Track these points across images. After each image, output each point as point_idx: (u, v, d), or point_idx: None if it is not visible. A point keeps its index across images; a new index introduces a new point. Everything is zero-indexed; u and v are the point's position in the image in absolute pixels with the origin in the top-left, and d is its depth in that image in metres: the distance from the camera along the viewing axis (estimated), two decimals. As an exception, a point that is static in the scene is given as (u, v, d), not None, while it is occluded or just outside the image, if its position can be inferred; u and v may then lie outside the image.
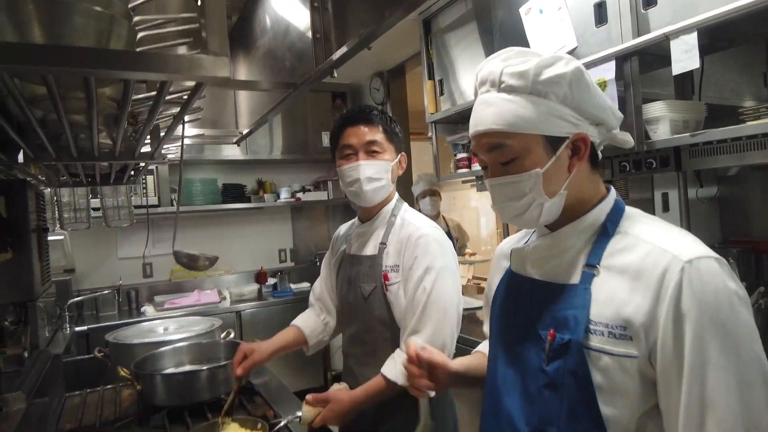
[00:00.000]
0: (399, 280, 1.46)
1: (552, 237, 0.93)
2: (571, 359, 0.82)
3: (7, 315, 1.76)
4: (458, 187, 4.73)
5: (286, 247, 4.70)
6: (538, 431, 0.86)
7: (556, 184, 0.87)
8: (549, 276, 0.92)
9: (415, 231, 1.47)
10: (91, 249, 3.82)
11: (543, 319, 0.88)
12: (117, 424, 1.52)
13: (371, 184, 1.48)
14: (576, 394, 0.81)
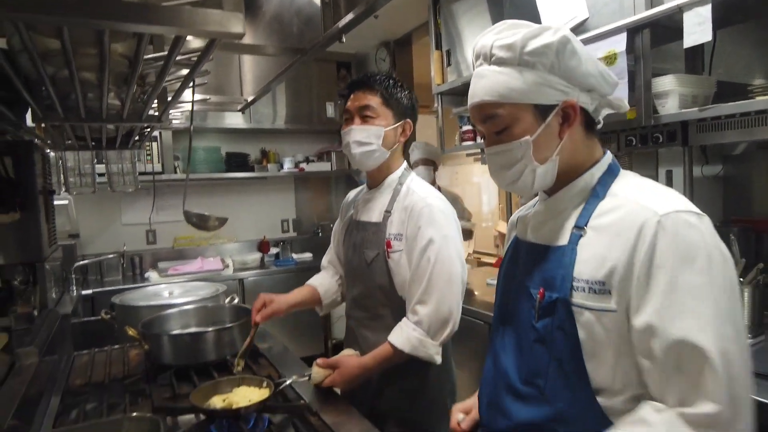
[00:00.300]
0: (402, 249, 1.48)
1: (548, 202, 0.98)
2: (559, 316, 0.87)
3: (16, 275, 1.79)
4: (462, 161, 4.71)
5: (288, 217, 4.72)
6: (528, 383, 0.92)
7: (547, 151, 0.91)
8: (543, 239, 0.97)
9: (419, 200, 1.48)
10: (96, 215, 3.84)
11: (534, 279, 0.94)
12: (126, 380, 1.56)
13: (360, 148, 1.50)
14: (562, 349, 0.87)
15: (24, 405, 1.22)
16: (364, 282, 1.57)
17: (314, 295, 1.76)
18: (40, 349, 1.41)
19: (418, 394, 1.53)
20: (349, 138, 1.51)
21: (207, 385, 1.37)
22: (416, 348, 1.38)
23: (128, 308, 2.07)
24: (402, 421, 1.52)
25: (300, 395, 1.43)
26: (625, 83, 1.87)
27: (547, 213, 0.98)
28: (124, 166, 2.70)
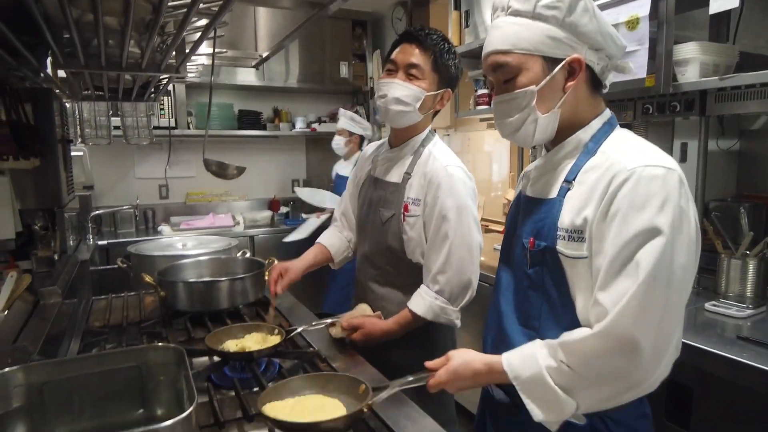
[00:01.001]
0: (419, 215, 1.49)
1: (546, 157, 1.03)
2: (547, 263, 0.95)
3: (36, 220, 1.84)
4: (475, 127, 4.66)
5: (299, 177, 4.74)
6: (525, 324, 1.00)
7: (550, 102, 0.95)
8: (538, 192, 1.03)
9: (440, 169, 1.47)
10: (109, 168, 3.88)
11: (526, 229, 1.00)
12: (143, 324, 1.63)
13: (397, 106, 1.46)
14: (553, 293, 0.94)
15: (48, 343, 1.28)
16: (376, 240, 1.59)
17: (325, 254, 1.80)
18: (62, 289, 1.47)
19: (431, 351, 1.58)
20: (388, 92, 1.46)
21: (221, 330, 1.43)
22: (438, 315, 1.43)
23: (144, 257, 2.13)
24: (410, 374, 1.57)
25: (310, 343, 1.49)
26: (646, 49, 1.84)
27: (545, 167, 1.03)
28: (138, 119, 2.71)
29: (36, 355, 1.12)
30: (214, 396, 1.17)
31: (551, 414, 0.87)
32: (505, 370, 0.91)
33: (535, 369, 0.87)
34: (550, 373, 0.86)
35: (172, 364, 0.81)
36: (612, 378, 0.84)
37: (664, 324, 0.82)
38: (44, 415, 0.77)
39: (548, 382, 0.86)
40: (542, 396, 0.87)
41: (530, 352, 0.90)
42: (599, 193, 0.88)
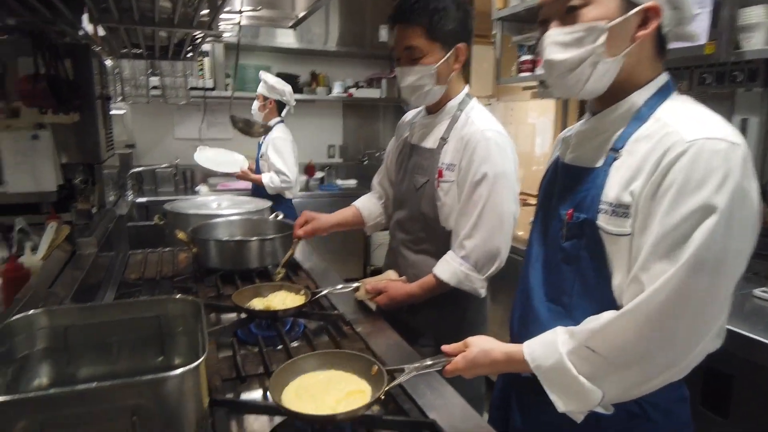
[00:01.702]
0: (453, 180, 1.44)
1: (592, 121, 0.94)
2: (585, 236, 0.87)
3: (77, 174, 1.89)
4: (518, 97, 4.49)
5: (335, 143, 4.72)
6: (553, 300, 0.94)
7: (616, 47, 0.84)
8: (579, 160, 0.95)
9: (476, 132, 1.41)
10: (150, 127, 3.96)
11: (565, 200, 0.93)
12: (175, 279, 1.66)
13: (414, 93, 1.44)
14: (588, 268, 0.87)
15: (84, 292, 1.33)
16: (410, 207, 1.56)
17: (357, 216, 1.78)
18: (98, 240, 1.51)
19: (456, 319, 1.56)
20: (402, 81, 1.44)
21: (248, 288, 1.44)
22: (461, 282, 1.39)
23: (179, 215, 2.17)
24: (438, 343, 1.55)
25: (334, 306, 1.49)
26: (708, 12, 1.70)
27: (589, 133, 0.94)
28: (176, 79, 2.74)
29: (69, 301, 1.16)
30: (238, 351, 1.19)
31: (575, 404, 0.81)
32: (527, 359, 0.85)
33: (556, 357, 0.81)
34: (572, 359, 0.80)
35: (190, 316, 0.82)
36: (638, 362, 0.77)
37: (706, 310, 0.75)
38: (68, 357, 0.79)
39: (570, 370, 0.80)
40: (565, 385, 0.81)
41: (550, 339, 0.84)
42: (650, 166, 0.79)
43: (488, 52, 3.79)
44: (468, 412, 0.98)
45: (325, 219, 1.71)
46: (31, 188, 1.78)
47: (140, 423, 0.59)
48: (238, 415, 0.98)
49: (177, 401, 0.61)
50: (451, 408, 0.98)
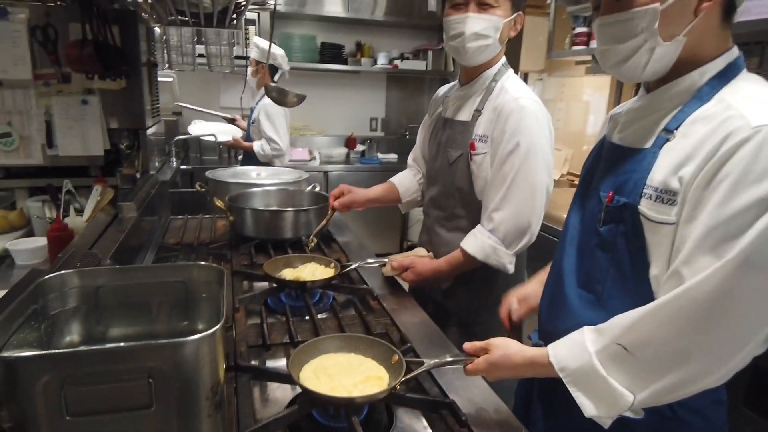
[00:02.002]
0: (486, 152, 1.40)
1: (646, 98, 0.86)
2: (624, 222, 0.81)
3: (122, 139, 1.95)
4: (571, 72, 4.28)
5: (378, 116, 4.68)
6: (585, 287, 0.88)
7: (675, 27, 0.76)
8: (628, 140, 0.87)
9: (510, 101, 1.36)
10: (196, 95, 4.03)
11: (607, 182, 0.87)
12: (211, 245, 1.70)
13: (476, 42, 1.35)
14: (626, 256, 0.81)
15: (123, 253, 1.37)
16: (444, 182, 1.52)
17: (393, 192, 1.76)
18: (139, 204, 1.56)
19: (485, 299, 1.53)
20: (465, 28, 1.34)
21: (280, 258, 1.46)
22: (489, 256, 1.35)
23: (219, 183, 2.22)
24: (465, 322, 1.54)
25: (365, 280, 1.48)
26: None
27: (641, 111, 0.86)
28: (221, 47, 2.76)
29: (109, 262, 1.21)
30: (266, 319, 1.21)
31: (604, 408, 0.75)
32: (551, 361, 0.80)
33: (585, 357, 0.76)
34: (601, 359, 0.75)
35: (214, 283, 0.83)
36: (673, 363, 0.71)
37: (753, 312, 0.68)
38: (98, 317, 0.82)
39: (599, 371, 0.75)
40: (594, 388, 0.76)
41: (578, 339, 0.79)
42: (706, 151, 0.72)
43: (541, 24, 3.62)
44: (489, 396, 0.96)
45: (362, 193, 1.70)
46: (80, 152, 1.85)
47: (156, 384, 0.60)
48: (261, 381, 1.00)
49: (192, 366, 0.62)
50: (473, 390, 0.97)
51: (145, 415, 0.61)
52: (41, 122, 1.82)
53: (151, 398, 0.60)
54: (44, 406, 0.57)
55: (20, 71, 1.75)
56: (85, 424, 0.59)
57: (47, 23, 1.73)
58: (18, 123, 1.81)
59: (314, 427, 0.89)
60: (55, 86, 1.81)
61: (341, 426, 0.88)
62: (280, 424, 0.84)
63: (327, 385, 0.85)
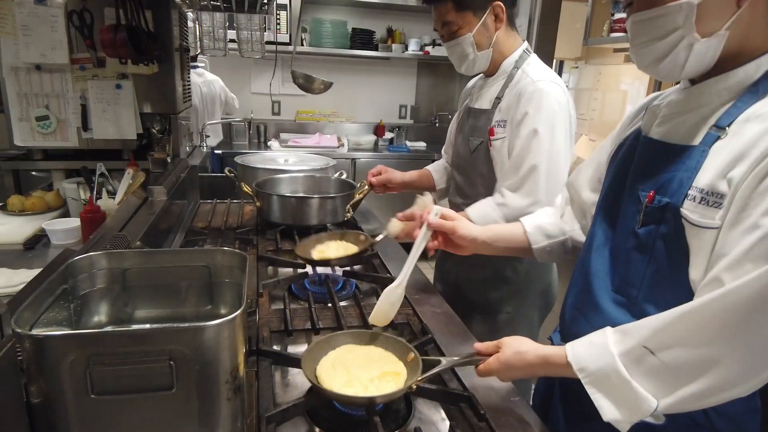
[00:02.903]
0: (504, 136, 1.40)
1: (689, 91, 0.80)
2: (665, 224, 0.76)
3: (155, 124, 1.98)
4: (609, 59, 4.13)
5: (407, 103, 4.64)
6: (620, 291, 0.84)
7: (715, 21, 0.71)
8: (670, 135, 0.81)
9: (530, 84, 1.35)
10: (228, 80, 4.07)
11: (646, 180, 0.81)
12: (238, 230, 1.73)
13: (463, 62, 1.45)
14: (665, 259, 0.77)
15: (152, 236, 1.41)
16: (467, 170, 1.54)
17: (428, 178, 1.79)
18: (169, 189, 1.59)
19: (508, 288, 1.51)
20: (450, 56, 1.49)
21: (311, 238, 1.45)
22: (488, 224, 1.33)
23: (247, 168, 2.24)
24: (487, 312, 1.53)
25: (388, 269, 1.48)
26: None
27: (685, 105, 0.80)
28: (252, 32, 2.77)
29: (138, 244, 1.24)
30: (289, 305, 1.22)
31: (625, 412, 0.72)
32: (570, 361, 0.77)
33: (607, 358, 0.73)
34: (625, 362, 0.72)
35: (237, 268, 0.83)
36: (703, 370, 0.66)
37: None
38: (126, 299, 0.84)
39: (623, 373, 0.71)
40: (616, 390, 0.72)
41: (599, 340, 0.76)
42: (759, 152, 0.67)
43: (579, 9, 3.51)
44: (510, 391, 0.95)
45: (399, 175, 1.76)
46: (114, 135, 1.90)
47: (177, 367, 0.61)
48: (282, 367, 1.01)
49: (212, 350, 0.63)
50: (493, 384, 0.95)
51: (167, 397, 0.62)
52: (77, 106, 1.87)
53: (173, 380, 0.62)
54: (71, 383, 0.59)
55: (58, 55, 1.80)
56: (109, 403, 0.61)
57: (83, 8, 1.77)
58: (55, 106, 1.86)
59: (333, 414, 0.89)
60: (90, 70, 1.86)
61: (359, 414, 0.88)
62: (299, 410, 0.85)
63: (343, 378, 0.85)
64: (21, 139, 1.87)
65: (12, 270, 1.28)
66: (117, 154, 1.98)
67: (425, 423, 0.89)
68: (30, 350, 0.58)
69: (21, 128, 1.86)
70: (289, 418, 0.85)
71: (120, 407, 0.61)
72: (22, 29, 1.75)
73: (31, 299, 0.65)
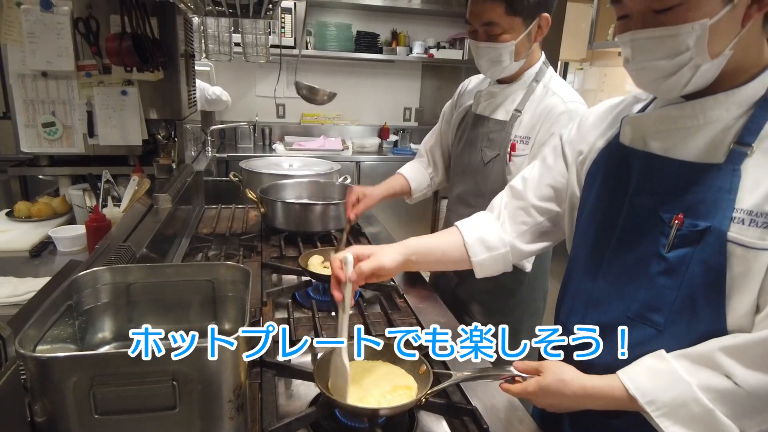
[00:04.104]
0: (526, 153, 1.37)
1: (690, 107, 0.76)
2: (705, 247, 0.72)
3: (160, 130, 1.99)
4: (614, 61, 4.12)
5: (412, 105, 4.64)
6: (640, 317, 0.80)
7: (722, 42, 0.70)
8: (676, 152, 0.78)
9: (559, 103, 1.33)
10: (233, 84, 4.09)
11: (668, 201, 0.77)
12: (243, 236, 1.73)
13: (492, 68, 1.38)
14: (701, 283, 0.73)
15: (160, 242, 1.41)
16: (476, 180, 1.50)
17: (405, 187, 1.71)
18: (174, 196, 1.60)
19: (510, 300, 1.51)
20: (478, 57, 1.38)
21: (314, 251, 1.47)
22: None
23: (252, 173, 2.25)
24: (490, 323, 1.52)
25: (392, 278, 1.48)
26: None
27: (687, 120, 0.77)
28: (257, 37, 2.78)
29: (144, 251, 1.24)
30: (293, 314, 1.22)
31: None
32: (633, 394, 0.72)
33: (682, 387, 0.69)
34: (704, 390, 0.68)
35: (240, 283, 0.84)
36: None
37: None
38: (130, 313, 0.84)
39: (704, 402, 0.68)
40: (696, 421, 0.69)
41: (664, 367, 0.72)
42: None
43: (584, 11, 3.49)
44: (513, 405, 0.95)
45: (376, 193, 1.62)
46: (119, 142, 1.91)
47: (179, 387, 0.62)
48: (286, 378, 1.01)
49: (214, 370, 0.63)
50: (496, 397, 0.95)
51: (170, 416, 0.62)
52: (83, 112, 1.88)
53: (175, 400, 0.62)
54: (74, 403, 0.59)
55: (64, 62, 1.81)
56: (113, 423, 0.61)
57: (89, 15, 1.78)
58: (61, 113, 1.88)
59: (336, 427, 0.89)
60: (96, 77, 1.87)
61: (362, 427, 0.88)
62: (302, 423, 0.85)
63: (357, 395, 0.85)
64: (27, 145, 1.88)
65: (18, 279, 1.29)
66: (123, 160, 2.00)
67: (428, 437, 0.89)
68: (34, 371, 0.58)
69: (27, 134, 1.88)
70: (293, 431, 0.85)
71: (123, 427, 0.62)
72: (28, 36, 1.77)
73: (36, 317, 0.66)
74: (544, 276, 1.54)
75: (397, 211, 3.94)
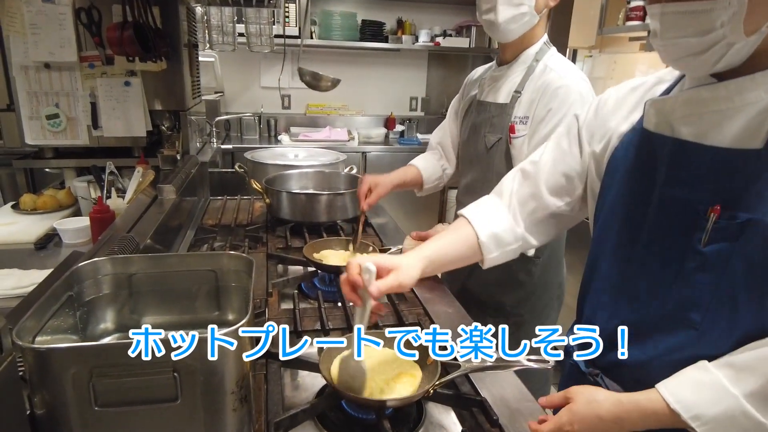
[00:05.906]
0: (525, 134, 1.34)
1: (723, 87, 0.71)
2: (748, 242, 0.68)
3: (164, 121, 1.98)
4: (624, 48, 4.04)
5: (418, 95, 4.59)
6: (674, 316, 0.76)
7: (759, 18, 0.64)
8: (710, 138, 0.72)
9: (555, 79, 1.29)
10: (237, 75, 4.07)
11: (702, 192, 0.72)
12: (248, 227, 1.72)
13: (509, 11, 1.27)
14: (742, 280, 0.69)
15: (165, 233, 1.40)
16: (481, 168, 1.47)
17: (417, 177, 1.68)
18: (178, 187, 1.59)
19: (521, 291, 1.48)
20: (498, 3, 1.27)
21: (319, 241, 1.45)
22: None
23: (257, 164, 2.23)
24: (500, 314, 1.50)
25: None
26: None
27: (719, 103, 0.71)
28: (261, 26, 2.75)
29: (148, 242, 1.23)
30: (298, 305, 1.20)
31: None
32: (676, 408, 0.67)
33: (729, 400, 0.65)
34: (752, 402, 0.64)
35: (244, 273, 0.82)
36: None
37: None
38: (132, 304, 0.83)
39: (754, 416, 0.64)
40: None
41: (708, 379, 0.68)
42: None
43: (595, -5, 3.43)
44: (523, 396, 0.93)
45: (387, 181, 1.60)
46: (123, 133, 1.90)
47: (181, 378, 0.60)
48: (291, 369, 1.00)
49: (217, 361, 0.62)
50: (506, 389, 0.93)
51: (171, 408, 0.61)
52: (86, 104, 1.87)
53: (177, 392, 0.60)
54: (74, 395, 0.58)
55: (66, 53, 1.79)
56: (114, 415, 0.60)
57: (91, 5, 1.76)
58: (65, 104, 1.87)
59: (343, 418, 0.88)
60: (99, 68, 1.85)
61: (369, 418, 0.87)
62: (308, 415, 0.84)
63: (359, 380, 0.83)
64: (32, 137, 1.88)
65: (22, 271, 1.28)
66: (127, 152, 1.98)
67: (436, 427, 0.87)
68: (32, 362, 0.57)
69: (31, 127, 1.87)
70: (298, 423, 0.83)
71: (124, 419, 0.60)
72: (30, 28, 1.75)
73: (35, 308, 0.64)
74: (558, 267, 1.50)
75: (404, 201, 3.91)
